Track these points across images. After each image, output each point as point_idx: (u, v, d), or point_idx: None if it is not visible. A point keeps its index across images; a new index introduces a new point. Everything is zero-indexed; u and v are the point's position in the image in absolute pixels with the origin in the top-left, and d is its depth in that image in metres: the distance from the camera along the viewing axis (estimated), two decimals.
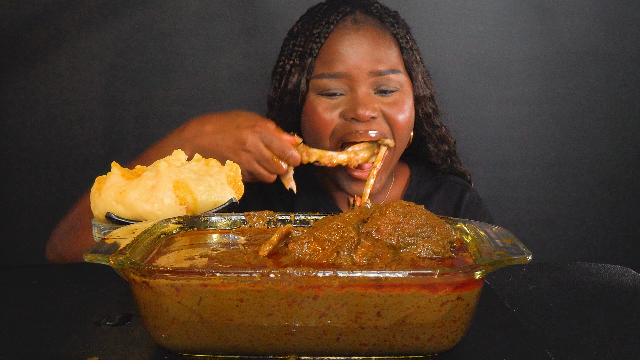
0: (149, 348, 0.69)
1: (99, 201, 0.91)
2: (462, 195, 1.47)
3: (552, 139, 2.04)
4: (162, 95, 2.00)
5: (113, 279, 0.89)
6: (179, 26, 1.96)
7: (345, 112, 1.28)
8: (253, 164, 1.21)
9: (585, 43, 1.99)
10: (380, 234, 0.72)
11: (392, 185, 1.47)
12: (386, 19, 1.35)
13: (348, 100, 1.29)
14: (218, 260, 0.73)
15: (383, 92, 1.30)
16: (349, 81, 1.28)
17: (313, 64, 1.31)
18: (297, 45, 1.34)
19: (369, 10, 1.35)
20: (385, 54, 1.30)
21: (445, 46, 1.99)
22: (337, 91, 1.29)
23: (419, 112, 1.39)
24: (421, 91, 1.36)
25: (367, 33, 1.31)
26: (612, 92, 2.02)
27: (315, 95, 1.31)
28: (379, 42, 1.31)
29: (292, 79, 1.32)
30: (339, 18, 1.32)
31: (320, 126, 1.30)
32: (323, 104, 1.30)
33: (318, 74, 1.30)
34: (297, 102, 1.33)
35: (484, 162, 1.99)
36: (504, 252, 0.66)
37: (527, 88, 2.02)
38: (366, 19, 1.33)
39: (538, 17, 1.99)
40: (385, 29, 1.33)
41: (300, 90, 1.31)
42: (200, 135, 1.23)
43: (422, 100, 1.38)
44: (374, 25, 1.33)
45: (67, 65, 1.96)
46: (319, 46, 1.31)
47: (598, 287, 0.91)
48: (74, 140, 2.01)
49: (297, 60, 1.32)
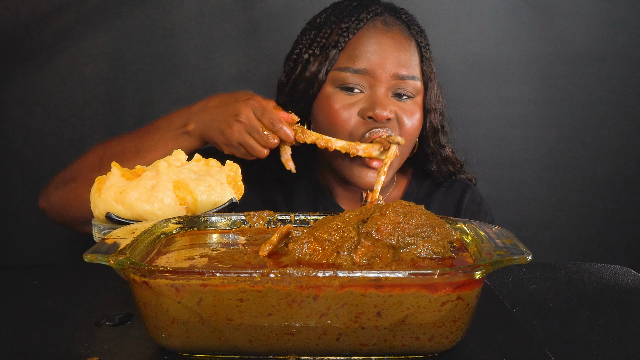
0: (149, 348, 0.69)
1: (99, 201, 0.91)
2: (464, 194, 1.47)
3: (551, 139, 2.04)
4: (162, 95, 2.00)
5: (113, 279, 0.89)
6: (179, 26, 1.96)
7: (363, 111, 1.29)
8: (244, 135, 1.22)
9: (585, 43, 1.99)
10: (380, 234, 0.72)
11: (393, 186, 1.48)
12: (413, 27, 1.37)
13: (366, 98, 1.30)
14: (218, 260, 0.73)
15: (399, 96, 1.31)
16: (371, 79, 1.29)
17: (337, 56, 1.32)
18: (320, 37, 1.35)
19: (399, 15, 1.37)
20: (409, 60, 1.32)
21: (445, 46, 1.99)
22: (356, 87, 1.30)
23: (427, 125, 1.39)
24: (432, 103, 1.37)
25: (395, 36, 1.32)
26: (612, 92, 2.02)
27: (333, 88, 1.32)
28: (405, 47, 1.32)
29: (310, 67, 1.33)
30: (369, 17, 1.34)
31: (338, 123, 1.31)
32: (341, 100, 1.30)
33: (341, 66, 1.31)
34: (313, 90, 1.33)
35: (484, 162, 1.99)
36: (504, 252, 0.66)
37: (527, 88, 2.01)
38: (395, 23, 1.35)
39: (538, 17, 1.98)
40: (411, 36, 1.35)
41: (319, 79, 1.32)
42: (204, 110, 1.28)
43: (432, 113, 1.38)
44: (402, 30, 1.34)
45: (67, 65, 1.96)
46: (345, 40, 1.32)
47: (598, 287, 0.91)
48: (74, 140, 2.01)
49: (318, 51, 1.34)
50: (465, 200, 1.46)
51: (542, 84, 2.01)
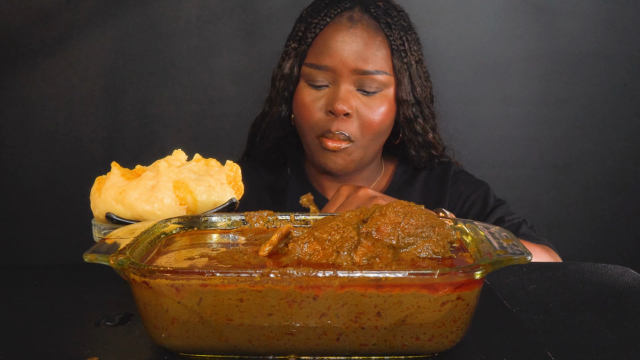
0: (149, 348, 0.69)
1: (99, 201, 0.91)
2: (446, 170, 1.50)
3: (551, 139, 2.04)
4: (162, 95, 2.00)
5: (113, 279, 0.89)
6: (179, 26, 1.96)
7: (325, 105, 1.34)
8: None
9: (585, 43, 1.99)
10: (380, 234, 0.72)
11: (381, 175, 1.51)
12: (383, 19, 1.37)
13: (330, 93, 1.34)
14: (218, 260, 0.73)
15: (365, 92, 1.34)
16: (334, 75, 1.33)
17: (306, 52, 1.37)
18: (299, 30, 1.40)
19: (368, 9, 1.38)
20: (372, 55, 1.34)
21: (445, 46, 1.99)
22: (322, 83, 1.35)
23: (400, 116, 1.41)
24: (404, 95, 1.38)
25: (358, 32, 1.35)
26: (612, 92, 2.02)
27: (304, 84, 1.37)
28: (368, 42, 1.34)
29: (287, 63, 1.39)
30: (336, 12, 1.37)
31: (304, 117, 1.36)
32: (309, 95, 1.36)
33: (307, 62, 1.37)
34: (290, 88, 1.39)
35: (483, 162, 1.99)
36: (503, 252, 0.66)
37: (527, 88, 2.02)
38: (362, 18, 1.37)
39: (538, 17, 1.99)
40: (379, 30, 1.37)
41: (294, 75, 1.38)
42: None
43: (404, 104, 1.39)
44: (368, 25, 1.36)
45: (67, 65, 1.96)
46: (313, 36, 1.37)
47: (598, 287, 0.90)
48: (74, 141, 2.01)
49: (296, 44, 1.39)
50: (450, 171, 1.49)
51: (543, 84, 2.02)
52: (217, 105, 2.02)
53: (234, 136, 2.02)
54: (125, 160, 1.14)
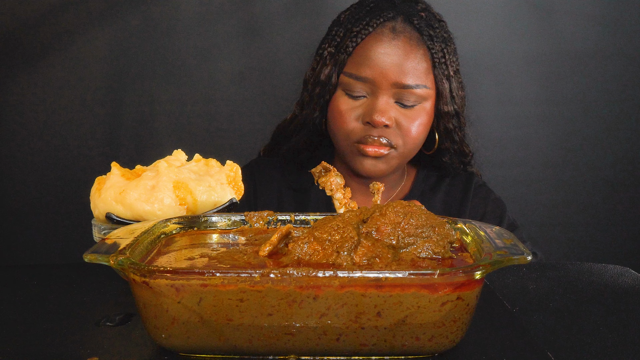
0: (149, 348, 0.69)
1: (99, 201, 0.91)
2: (469, 181, 1.48)
3: (551, 139, 2.04)
4: (162, 95, 2.00)
5: (113, 279, 0.89)
6: (179, 26, 1.96)
7: (363, 116, 1.31)
8: None
9: (585, 43, 1.99)
10: (380, 234, 0.72)
11: (404, 180, 1.50)
12: (425, 32, 1.34)
13: (368, 104, 1.31)
14: (218, 260, 0.73)
15: (403, 105, 1.31)
16: (373, 87, 1.30)
17: (345, 60, 1.33)
18: (337, 35, 1.36)
19: (411, 20, 1.35)
20: (413, 68, 1.31)
21: None
22: (359, 94, 1.32)
23: (441, 127, 1.40)
24: (445, 107, 1.37)
25: (400, 44, 1.31)
26: (612, 91, 2.02)
27: (341, 92, 1.34)
28: (410, 55, 1.31)
29: (325, 69, 1.35)
30: (379, 22, 1.33)
31: (338, 124, 1.34)
32: (345, 103, 1.33)
33: (347, 72, 1.33)
34: (326, 97, 1.36)
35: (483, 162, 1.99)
36: (504, 252, 0.66)
37: (527, 88, 2.02)
38: (404, 29, 1.33)
39: (538, 17, 1.99)
40: (421, 42, 1.33)
41: (331, 83, 1.34)
42: None
43: (445, 117, 1.38)
44: (411, 37, 1.33)
45: (67, 65, 1.96)
46: (354, 45, 1.33)
47: (598, 287, 0.91)
48: (74, 141, 2.01)
49: (333, 49, 1.35)
50: (472, 185, 1.48)
51: (543, 84, 2.02)
52: (217, 105, 2.02)
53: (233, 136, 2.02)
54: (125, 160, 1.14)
